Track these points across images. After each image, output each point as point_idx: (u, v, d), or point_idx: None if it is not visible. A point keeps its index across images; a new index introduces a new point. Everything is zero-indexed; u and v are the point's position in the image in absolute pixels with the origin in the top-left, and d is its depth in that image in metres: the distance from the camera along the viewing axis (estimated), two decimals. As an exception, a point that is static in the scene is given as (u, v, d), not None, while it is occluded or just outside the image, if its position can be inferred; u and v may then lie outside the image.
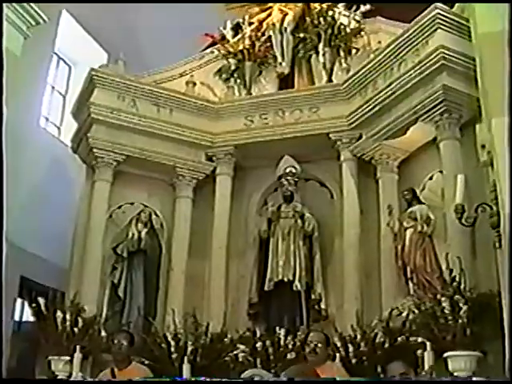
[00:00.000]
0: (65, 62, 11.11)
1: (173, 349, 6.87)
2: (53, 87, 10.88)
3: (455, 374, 5.41)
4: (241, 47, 8.68)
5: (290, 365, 6.43)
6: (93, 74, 7.89)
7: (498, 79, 3.89)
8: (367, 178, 7.72)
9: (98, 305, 7.32)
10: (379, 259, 7.18)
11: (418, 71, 6.74)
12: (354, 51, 8.31)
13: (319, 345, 5.56)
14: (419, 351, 5.50)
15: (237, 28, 8.87)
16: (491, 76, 3.97)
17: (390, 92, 7.10)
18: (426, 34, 6.72)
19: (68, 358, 6.50)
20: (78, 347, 6.43)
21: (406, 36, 6.96)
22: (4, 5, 6.08)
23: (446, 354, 5.48)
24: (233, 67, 8.70)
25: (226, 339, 7.10)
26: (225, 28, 8.85)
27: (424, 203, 7.03)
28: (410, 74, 6.83)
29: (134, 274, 7.67)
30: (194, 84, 8.59)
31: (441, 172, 6.83)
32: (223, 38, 8.83)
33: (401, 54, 7.04)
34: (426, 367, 5.23)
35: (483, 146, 4.41)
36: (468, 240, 6.15)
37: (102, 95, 7.88)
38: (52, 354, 6.66)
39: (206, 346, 6.94)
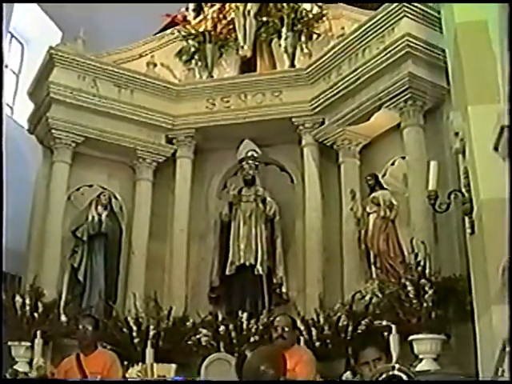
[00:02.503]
0: (17, 40, 10.76)
1: (135, 333, 6.84)
2: (6, 65, 10.52)
3: (420, 356, 5.52)
4: (202, 29, 8.57)
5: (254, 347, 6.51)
6: (52, 53, 7.65)
7: (478, 67, 3.95)
8: (328, 163, 7.76)
9: (58, 289, 7.17)
10: (341, 243, 7.25)
11: (384, 58, 6.78)
12: (314, 36, 8.29)
13: (286, 329, 5.48)
14: (386, 334, 5.58)
15: (199, 9, 8.74)
16: (470, 64, 4.01)
17: (354, 78, 7.12)
18: (393, 21, 6.76)
19: (29, 343, 6.40)
20: (38, 332, 6.34)
21: (372, 22, 6.97)
22: None
23: (411, 337, 5.59)
24: (192, 49, 8.59)
25: (188, 323, 7.09)
26: (187, 9, 8.74)
27: (386, 188, 7.11)
28: (376, 60, 6.86)
29: (94, 257, 7.56)
30: (155, 65, 8.46)
31: (403, 158, 6.94)
32: (184, 18, 8.70)
33: (366, 40, 7.06)
34: (393, 351, 5.30)
35: (456, 134, 4.45)
36: (430, 225, 6.29)
37: (62, 74, 7.68)
38: (12, 340, 6.51)
39: (168, 330, 6.93)
